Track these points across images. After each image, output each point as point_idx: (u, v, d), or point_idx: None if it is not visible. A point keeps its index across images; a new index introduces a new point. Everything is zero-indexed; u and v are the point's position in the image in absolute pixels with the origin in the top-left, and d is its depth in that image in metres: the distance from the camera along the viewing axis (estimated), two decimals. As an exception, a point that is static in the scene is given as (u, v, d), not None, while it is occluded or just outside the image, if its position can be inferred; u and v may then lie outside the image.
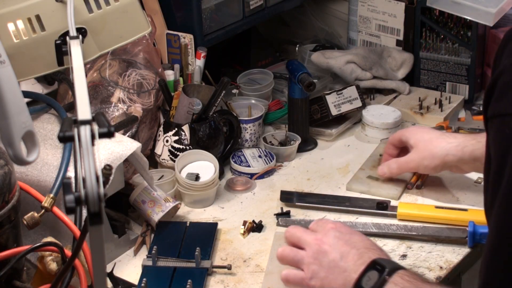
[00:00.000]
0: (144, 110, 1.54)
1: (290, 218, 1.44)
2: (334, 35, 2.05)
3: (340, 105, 1.74)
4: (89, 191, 0.71)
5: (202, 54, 1.70)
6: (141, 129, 1.54)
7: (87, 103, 0.80)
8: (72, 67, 0.95)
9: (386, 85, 1.88)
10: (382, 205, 1.45)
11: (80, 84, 0.87)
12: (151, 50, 1.59)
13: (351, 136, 1.76)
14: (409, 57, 1.89)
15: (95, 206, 0.71)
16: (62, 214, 1.16)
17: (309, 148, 1.71)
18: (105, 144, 1.30)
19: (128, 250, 1.37)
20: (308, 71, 1.66)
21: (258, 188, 1.56)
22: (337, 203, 1.47)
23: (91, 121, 0.75)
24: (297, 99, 1.68)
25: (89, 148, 0.73)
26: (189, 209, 1.49)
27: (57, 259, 1.13)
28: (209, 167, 1.51)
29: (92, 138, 0.74)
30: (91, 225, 0.73)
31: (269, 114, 1.78)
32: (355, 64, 1.86)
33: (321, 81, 1.88)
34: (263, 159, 1.61)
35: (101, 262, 0.77)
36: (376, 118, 1.74)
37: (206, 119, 1.56)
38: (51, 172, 1.27)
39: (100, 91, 1.51)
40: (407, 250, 1.35)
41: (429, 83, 1.91)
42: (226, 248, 1.37)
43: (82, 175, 0.73)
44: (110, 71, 1.53)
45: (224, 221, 1.45)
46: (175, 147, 1.54)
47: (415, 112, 1.81)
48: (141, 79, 1.55)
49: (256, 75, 1.86)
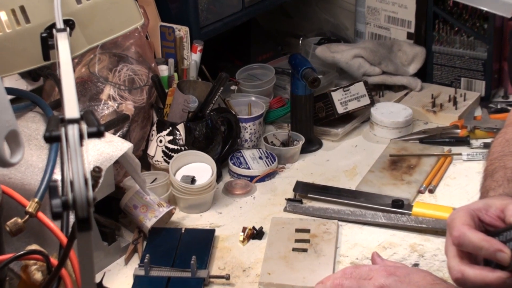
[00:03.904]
0: (136, 108, 1.54)
1: (299, 205, 1.48)
2: (340, 28, 2.05)
3: (346, 103, 1.74)
4: (77, 195, 0.71)
5: (198, 48, 1.71)
6: (133, 128, 1.54)
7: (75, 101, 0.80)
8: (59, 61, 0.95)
9: (396, 81, 1.88)
10: (397, 203, 1.47)
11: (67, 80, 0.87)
12: (143, 43, 1.59)
13: (358, 136, 1.76)
14: (421, 51, 1.89)
15: (83, 211, 0.72)
16: (47, 220, 1.16)
17: (314, 149, 1.71)
18: (94, 145, 1.30)
19: (118, 259, 1.37)
20: (312, 66, 1.66)
21: (258, 192, 1.56)
22: (352, 198, 1.50)
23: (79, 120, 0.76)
24: (300, 96, 1.68)
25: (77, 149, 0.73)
26: (184, 214, 1.49)
27: (42, 268, 1.13)
28: (206, 169, 1.51)
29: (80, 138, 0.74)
30: (79, 231, 0.73)
31: (271, 112, 1.78)
32: (363, 58, 1.86)
33: (326, 76, 1.88)
34: (264, 161, 1.61)
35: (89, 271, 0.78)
36: (386, 117, 1.74)
37: (203, 117, 1.56)
38: (36, 174, 1.27)
39: (89, 88, 1.51)
40: (419, 258, 1.35)
41: (442, 79, 1.91)
42: (224, 256, 1.38)
43: (70, 178, 0.73)
44: (99, 66, 1.53)
45: (222, 228, 1.45)
46: (169, 148, 1.54)
47: (427, 110, 1.81)
48: (133, 74, 1.55)
49: (256, 71, 1.86)
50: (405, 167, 1.60)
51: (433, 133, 1.73)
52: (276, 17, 2.11)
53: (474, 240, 0.97)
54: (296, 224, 1.42)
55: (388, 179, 1.56)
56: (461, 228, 0.98)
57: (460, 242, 0.98)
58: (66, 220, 1.19)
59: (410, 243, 1.39)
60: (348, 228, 1.44)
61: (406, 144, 1.69)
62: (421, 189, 1.54)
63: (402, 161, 1.62)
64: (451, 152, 1.66)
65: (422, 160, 1.62)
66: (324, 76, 1.86)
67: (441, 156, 1.64)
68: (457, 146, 1.69)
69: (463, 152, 1.65)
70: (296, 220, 1.44)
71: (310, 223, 1.42)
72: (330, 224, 1.42)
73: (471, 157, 1.64)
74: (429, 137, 1.72)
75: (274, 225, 1.43)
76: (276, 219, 1.44)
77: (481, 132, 1.71)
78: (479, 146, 1.68)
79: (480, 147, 1.67)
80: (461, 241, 0.97)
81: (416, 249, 1.38)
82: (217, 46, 1.93)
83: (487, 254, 0.96)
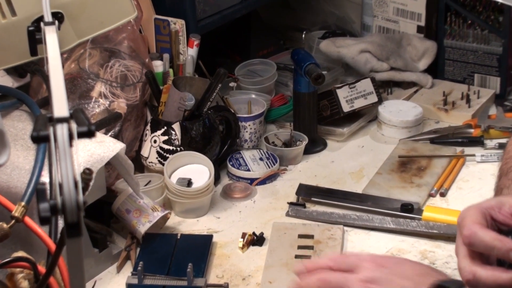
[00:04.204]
0: (128, 106, 1.54)
1: (302, 209, 1.49)
2: (346, 20, 2.06)
3: (353, 101, 1.74)
4: (67, 199, 0.71)
5: (195, 42, 1.71)
6: (126, 127, 1.54)
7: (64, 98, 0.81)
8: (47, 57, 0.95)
9: (406, 77, 1.89)
10: (407, 207, 1.47)
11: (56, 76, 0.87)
12: (136, 37, 1.59)
13: (365, 136, 1.76)
14: (432, 45, 1.89)
15: (73, 216, 0.72)
16: (35, 225, 1.16)
17: (318, 149, 1.71)
18: (84, 145, 1.31)
19: (110, 267, 1.37)
20: (316, 61, 1.66)
21: (259, 196, 1.56)
22: (358, 202, 1.50)
23: (69, 118, 0.76)
24: (303, 94, 1.69)
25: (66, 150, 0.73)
26: (180, 219, 1.49)
27: (29, 276, 1.13)
28: (203, 171, 1.51)
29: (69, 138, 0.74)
30: (69, 237, 0.73)
31: (272, 111, 1.78)
32: (370, 53, 1.86)
33: (331, 73, 1.88)
34: (265, 162, 1.62)
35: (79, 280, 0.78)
36: (394, 115, 1.74)
37: (200, 116, 1.56)
38: (22, 177, 1.27)
39: (78, 85, 1.52)
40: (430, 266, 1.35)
41: (455, 75, 1.91)
42: (223, 264, 1.38)
43: (59, 180, 0.73)
44: (90, 61, 1.53)
45: (220, 233, 1.45)
46: (164, 149, 1.54)
47: (438, 109, 1.81)
48: (126, 70, 1.55)
49: (257, 66, 1.86)
50: (415, 169, 1.60)
51: (445, 133, 1.73)
52: (278, 9, 2.12)
53: (485, 239, 0.96)
54: (299, 230, 1.42)
55: (397, 182, 1.56)
56: (472, 227, 0.98)
57: (471, 241, 0.97)
58: (55, 226, 1.19)
59: (420, 250, 1.39)
60: (354, 233, 1.44)
61: (416, 145, 1.69)
62: (432, 193, 1.54)
63: (412, 163, 1.62)
64: (464, 153, 1.66)
65: (433, 162, 1.62)
66: (329, 72, 1.86)
67: (453, 158, 1.64)
68: (470, 146, 1.69)
69: (476, 153, 1.65)
70: (299, 225, 1.44)
71: (314, 228, 1.43)
72: (335, 230, 1.42)
73: (485, 158, 1.64)
74: (440, 137, 1.72)
75: (276, 230, 1.43)
76: (277, 224, 1.45)
77: (496, 132, 1.71)
78: (494, 147, 1.68)
79: (495, 148, 1.67)
80: (472, 241, 0.97)
81: (426, 256, 1.38)
82: (215, 41, 1.93)
83: (500, 254, 0.96)
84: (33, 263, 1.12)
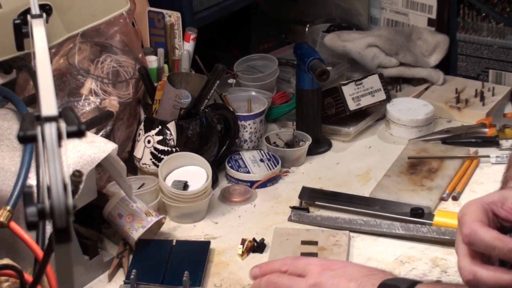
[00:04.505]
0: (121, 104, 1.54)
1: (305, 214, 1.49)
2: (352, 13, 2.06)
3: (359, 98, 1.74)
4: (55, 202, 0.72)
5: (191, 36, 1.71)
6: (118, 127, 1.54)
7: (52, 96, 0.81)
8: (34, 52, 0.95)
9: (416, 73, 1.89)
10: (417, 212, 1.47)
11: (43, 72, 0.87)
12: (129, 31, 1.60)
13: (372, 136, 1.77)
14: (444, 39, 1.89)
15: (62, 221, 0.72)
16: (21, 231, 1.16)
17: (322, 150, 1.71)
18: (74, 146, 1.31)
19: (101, 275, 1.37)
20: (320, 56, 1.66)
21: (259, 199, 1.56)
22: (365, 206, 1.50)
23: (58, 117, 0.76)
24: (307, 91, 1.69)
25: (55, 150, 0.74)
26: (175, 224, 1.50)
27: (15, 285, 1.13)
28: (200, 173, 1.51)
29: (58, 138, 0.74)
30: (57, 243, 0.73)
31: (273, 109, 1.78)
32: (378, 48, 1.86)
33: (336, 68, 1.88)
34: (266, 164, 1.62)
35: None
36: (404, 114, 1.74)
37: (197, 115, 1.56)
38: (8, 179, 1.27)
39: (68, 81, 1.52)
40: (442, 274, 1.35)
41: (468, 71, 1.92)
42: (221, 272, 1.38)
43: (47, 183, 0.73)
44: (79, 56, 1.53)
45: (218, 239, 1.45)
46: (158, 149, 1.54)
47: (451, 107, 1.81)
48: (118, 66, 1.55)
49: (257, 62, 1.86)
50: (425, 171, 1.60)
51: (457, 132, 1.73)
52: (280, 1, 2.12)
53: (486, 238, 0.96)
54: (302, 236, 1.43)
55: (406, 185, 1.56)
56: (472, 225, 0.98)
57: (471, 240, 0.97)
58: (42, 231, 1.19)
59: (431, 257, 1.40)
60: (361, 240, 1.44)
61: (427, 145, 1.70)
62: (443, 196, 1.54)
63: (422, 164, 1.62)
64: (477, 154, 1.66)
65: (445, 163, 1.63)
66: (334, 68, 1.87)
67: (466, 159, 1.64)
68: (485, 147, 1.69)
69: (491, 154, 1.65)
70: (302, 231, 1.44)
71: (318, 234, 1.43)
72: (340, 236, 1.42)
73: (500, 159, 1.64)
74: (452, 137, 1.72)
75: (277, 236, 1.43)
76: (279, 229, 1.45)
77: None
78: (510, 147, 1.68)
79: (511, 148, 1.67)
80: (472, 240, 0.97)
81: (438, 264, 1.38)
82: (213, 34, 1.93)
83: (501, 254, 0.96)
84: (19, 271, 1.12)
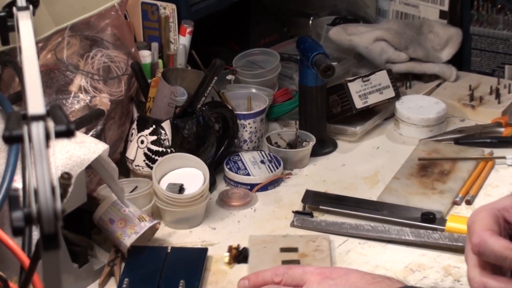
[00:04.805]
0: (112, 102, 1.54)
1: (309, 219, 1.49)
2: (359, 5, 2.06)
3: (366, 96, 1.74)
4: (43, 207, 0.71)
5: (187, 30, 1.71)
6: (109, 126, 1.54)
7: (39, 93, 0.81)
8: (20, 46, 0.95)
9: (427, 69, 1.89)
10: (428, 217, 1.47)
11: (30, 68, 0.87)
12: (121, 24, 1.60)
13: (381, 136, 1.77)
14: (456, 33, 1.89)
15: (50, 226, 0.72)
16: (6, 237, 1.16)
17: (327, 151, 1.71)
18: (62, 146, 1.31)
19: (91, 284, 1.37)
20: (325, 51, 1.66)
21: (260, 204, 1.56)
22: (373, 210, 1.51)
23: (45, 116, 0.76)
24: (310, 88, 1.69)
25: (42, 151, 0.73)
26: (170, 230, 1.50)
27: (0, 295, 1.13)
28: (197, 175, 1.51)
29: (46, 138, 0.74)
30: (45, 250, 0.73)
31: (275, 107, 1.79)
32: (386, 42, 1.86)
33: (342, 64, 1.88)
34: (267, 166, 1.62)
35: (57, 298, 0.78)
36: (414, 113, 1.74)
37: (193, 113, 1.56)
38: (-8, 182, 1.27)
39: (55, 78, 1.52)
40: (454, 283, 1.35)
41: (482, 66, 1.92)
42: (219, 281, 1.38)
43: (33, 186, 0.73)
44: (68, 51, 1.53)
45: (216, 246, 1.45)
46: (152, 150, 1.54)
47: (464, 105, 1.81)
48: (109, 61, 1.55)
49: (257, 57, 1.86)
50: (437, 173, 1.60)
51: (471, 132, 1.74)
52: (282, -8, 2.12)
53: (496, 248, 0.96)
54: (280, 243, 1.41)
55: (417, 188, 1.56)
56: (481, 234, 0.97)
57: (481, 251, 0.97)
58: (29, 237, 1.19)
59: (444, 265, 1.39)
60: (368, 246, 1.44)
61: (439, 146, 1.70)
62: (456, 200, 1.54)
63: (434, 166, 1.63)
64: (492, 155, 1.66)
65: (458, 165, 1.63)
66: (339, 64, 1.87)
67: (480, 160, 1.64)
68: (500, 148, 1.69)
69: (507, 155, 1.65)
70: (279, 238, 1.43)
71: (296, 240, 1.42)
72: (320, 240, 1.41)
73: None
74: (466, 137, 1.72)
75: (253, 245, 1.41)
76: (254, 237, 1.43)
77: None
78: (527, 148, 1.68)
79: (528, 149, 1.68)
80: (482, 250, 0.97)
81: (450, 272, 1.38)
82: (211, 28, 1.93)
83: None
84: (4, 280, 1.12)
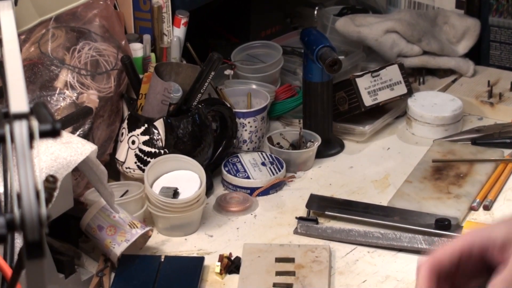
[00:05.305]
0: (101, 99, 1.54)
1: (313, 225, 1.49)
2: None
3: (376, 92, 1.74)
4: (26, 212, 0.72)
5: (182, 21, 1.71)
6: (97, 125, 1.54)
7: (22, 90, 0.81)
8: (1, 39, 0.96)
9: (442, 63, 1.89)
10: (442, 223, 1.47)
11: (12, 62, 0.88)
12: (110, 15, 1.60)
13: (392, 136, 1.77)
14: (474, 24, 1.90)
15: (34, 233, 0.72)
16: (-14, 245, 1.17)
17: (333, 152, 1.72)
18: (47, 147, 1.31)
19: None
20: (331, 44, 1.67)
21: (260, 209, 1.57)
22: (383, 216, 1.51)
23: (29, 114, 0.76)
24: (315, 84, 1.69)
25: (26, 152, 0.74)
26: (164, 237, 1.50)
27: (-21, 307, 1.14)
28: (193, 179, 1.51)
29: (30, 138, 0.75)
30: (29, 259, 0.73)
31: (277, 105, 1.79)
32: (398, 34, 1.86)
33: (350, 58, 1.88)
34: (268, 168, 1.62)
35: (42, 310, 0.78)
36: (427, 110, 1.75)
37: (188, 111, 1.57)
38: (-29, 186, 1.28)
39: (40, 73, 1.52)
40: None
41: (502, 60, 1.92)
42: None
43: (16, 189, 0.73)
44: (53, 44, 1.54)
45: (213, 255, 1.45)
46: (144, 151, 1.55)
47: (482, 102, 1.82)
48: (97, 55, 1.55)
49: (258, 50, 1.86)
50: (452, 176, 1.61)
51: (490, 132, 1.74)
52: (285, -20, 2.12)
53: None
54: (276, 252, 1.42)
55: (431, 192, 1.57)
56: None
57: None
58: (11, 245, 1.19)
59: (459, 275, 1.40)
60: (377, 255, 1.45)
61: (454, 146, 1.70)
62: (473, 205, 1.55)
63: (449, 169, 1.63)
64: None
65: (475, 167, 1.63)
66: (347, 58, 1.87)
67: (500, 162, 1.65)
68: (521, 148, 1.70)
69: (528, 156, 1.66)
70: (275, 247, 1.43)
71: (294, 250, 1.42)
72: (320, 251, 1.42)
73: (539, 163, 1.65)
74: (484, 137, 1.73)
75: (247, 254, 1.42)
76: (249, 246, 1.44)
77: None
78: (550, 149, 1.69)
79: (551, 150, 1.68)
80: None
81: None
82: (207, 19, 1.94)
83: None
84: (-15, 291, 1.12)
